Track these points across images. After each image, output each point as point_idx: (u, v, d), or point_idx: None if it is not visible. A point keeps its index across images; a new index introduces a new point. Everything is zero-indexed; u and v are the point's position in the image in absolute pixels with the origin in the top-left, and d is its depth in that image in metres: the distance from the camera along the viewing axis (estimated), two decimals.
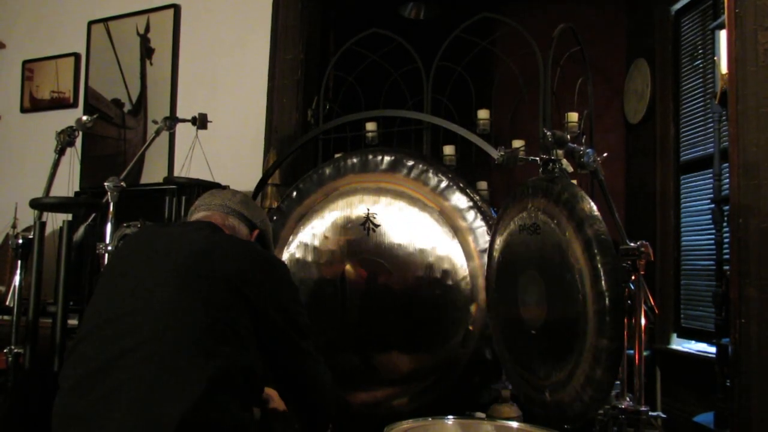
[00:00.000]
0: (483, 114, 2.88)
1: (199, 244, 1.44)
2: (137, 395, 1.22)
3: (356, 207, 2.25)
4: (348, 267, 2.21)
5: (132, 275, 1.42)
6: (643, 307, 1.47)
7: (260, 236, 1.70)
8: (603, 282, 1.45)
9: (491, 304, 1.96)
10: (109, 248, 2.24)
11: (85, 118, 2.49)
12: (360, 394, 2.17)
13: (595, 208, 1.53)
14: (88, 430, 1.23)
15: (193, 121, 2.76)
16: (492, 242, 1.95)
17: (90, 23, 3.79)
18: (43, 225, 2.38)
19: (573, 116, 2.80)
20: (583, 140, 1.79)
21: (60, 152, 2.46)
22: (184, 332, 1.29)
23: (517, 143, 2.82)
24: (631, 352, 1.47)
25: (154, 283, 1.37)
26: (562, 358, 1.57)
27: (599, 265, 1.46)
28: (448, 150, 2.91)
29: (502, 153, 1.78)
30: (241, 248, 1.48)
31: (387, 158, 2.28)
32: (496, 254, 1.90)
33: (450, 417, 1.65)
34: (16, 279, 2.28)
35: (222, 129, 3.05)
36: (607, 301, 1.44)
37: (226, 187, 2.91)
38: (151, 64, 3.59)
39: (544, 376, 1.65)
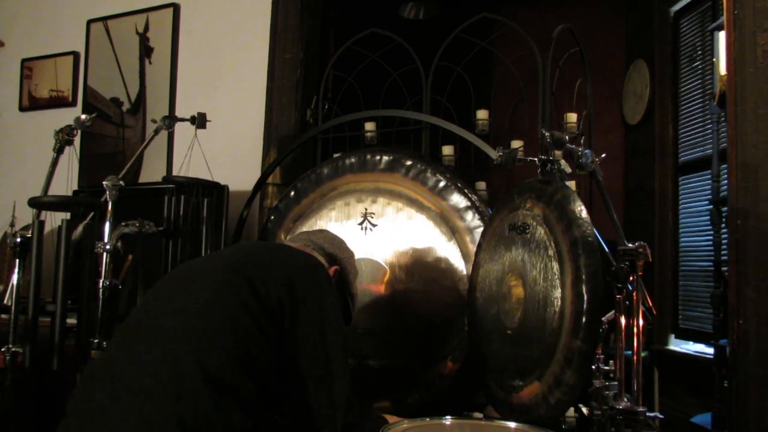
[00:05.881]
0: (482, 114, 2.88)
1: (236, 253, 1.52)
2: (144, 396, 1.23)
3: (354, 207, 2.25)
4: None
5: (174, 284, 1.47)
6: (641, 307, 1.47)
7: (339, 274, 1.69)
8: (583, 284, 1.45)
9: (470, 301, 1.96)
10: (108, 247, 2.24)
11: (83, 116, 2.49)
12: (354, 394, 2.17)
13: (584, 210, 1.53)
14: (100, 417, 1.24)
15: (192, 120, 2.76)
16: (481, 242, 1.96)
17: (89, 22, 3.79)
18: (41, 224, 2.38)
19: (572, 117, 2.80)
20: (582, 141, 1.78)
21: (59, 151, 2.46)
22: (189, 340, 1.30)
23: (516, 144, 2.82)
24: (629, 352, 1.47)
25: (188, 287, 1.42)
26: (535, 358, 1.57)
27: (582, 267, 1.47)
28: (447, 150, 2.91)
29: (501, 153, 1.78)
30: (277, 249, 1.57)
31: (385, 158, 2.28)
32: (483, 253, 1.90)
33: (448, 417, 1.65)
34: (15, 278, 2.27)
35: (221, 128, 3.05)
36: (585, 303, 1.44)
37: (224, 188, 2.92)
38: (150, 63, 3.59)
39: (515, 377, 1.65)
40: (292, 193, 2.40)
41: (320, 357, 1.38)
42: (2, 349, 2.20)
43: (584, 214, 1.52)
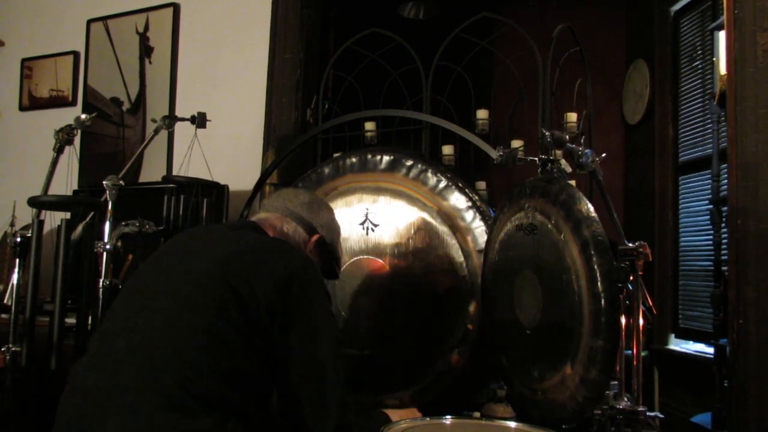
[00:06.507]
0: (482, 114, 2.88)
1: (219, 253, 1.39)
2: (129, 408, 1.21)
3: (355, 206, 2.25)
4: (346, 266, 2.21)
5: (153, 279, 1.41)
6: (641, 307, 1.47)
7: (320, 242, 1.62)
8: (599, 283, 1.45)
9: (486, 303, 1.96)
10: (108, 247, 2.24)
11: (83, 116, 2.49)
12: (357, 393, 2.17)
13: (592, 209, 1.53)
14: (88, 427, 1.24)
15: (192, 119, 2.76)
16: (489, 241, 1.96)
17: (89, 21, 3.79)
18: (41, 223, 2.37)
19: (572, 116, 2.80)
20: (582, 140, 1.79)
21: (59, 151, 2.46)
22: (171, 355, 1.25)
23: (516, 143, 2.82)
24: (629, 352, 1.48)
25: (169, 289, 1.35)
26: (557, 358, 1.57)
27: (596, 266, 1.46)
28: (447, 150, 2.91)
29: (501, 153, 1.78)
30: (265, 247, 1.42)
31: (386, 158, 2.28)
32: (492, 253, 1.90)
33: (447, 417, 1.65)
34: (14, 277, 2.27)
35: (221, 128, 3.05)
36: (602, 302, 1.44)
37: (224, 188, 2.92)
38: (150, 62, 3.59)
39: (539, 376, 1.65)
40: None
41: (312, 363, 1.36)
42: (2, 349, 2.20)
43: (592, 212, 1.52)
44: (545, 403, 1.63)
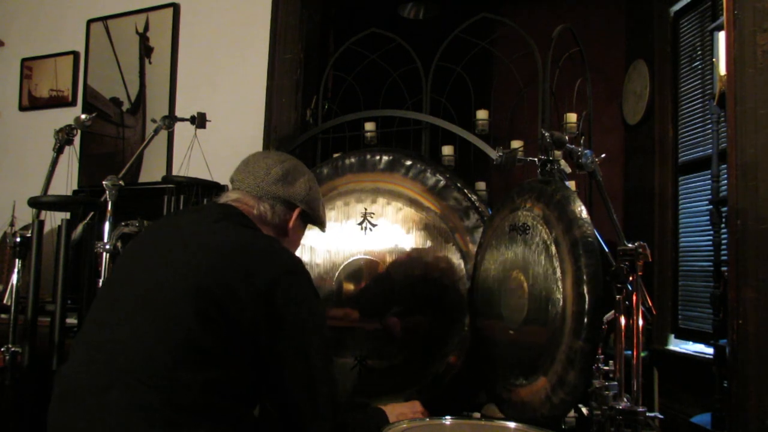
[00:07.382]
0: (482, 114, 2.88)
1: (199, 256, 1.32)
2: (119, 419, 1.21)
3: (354, 207, 2.25)
4: (345, 267, 2.21)
5: (131, 281, 1.37)
6: (641, 307, 1.47)
7: (303, 215, 1.58)
8: (585, 284, 1.46)
9: (471, 301, 1.97)
10: (108, 247, 2.24)
11: (83, 116, 2.49)
12: (356, 394, 2.17)
13: (585, 211, 1.54)
14: None
15: (192, 120, 2.76)
16: (481, 242, 1.96)
17: (89, 22, 3.79)
18: (41, 223, 2.37)
19: (572, 117, 2.80)
20: (582, 141, 1.79)
21: (58, 151, 2.46)
22: (151, 362, 1.23)
23: (516, 144, 2.82)
24: (629, 353, 1.48)
25: (148, 295, 1.32)
26: (537, 358, 1.58)
27: (583, 267, 1.47)
28: (447, 150, 2.91)
29: (501, 153, 1.78)
30: (242, 255, 1.33)
31: (385, 158, 2.28)
32: (483, 253, 1.91)
33: (447, 417, 1.65)
34: (14, 277, 2.27)
35: (221, 128, 3.05)
36: (586, 303, 1.45)
37: (224, 188, 2.91)
38: (150, 62, 3.59)
39: (518, 376, 1.66)
40: None
41: (303, 368, 1.34)
42: (2, 349, 2.20)
43: (584, 214, 1.53)
44: (521, 403, 1.63)
